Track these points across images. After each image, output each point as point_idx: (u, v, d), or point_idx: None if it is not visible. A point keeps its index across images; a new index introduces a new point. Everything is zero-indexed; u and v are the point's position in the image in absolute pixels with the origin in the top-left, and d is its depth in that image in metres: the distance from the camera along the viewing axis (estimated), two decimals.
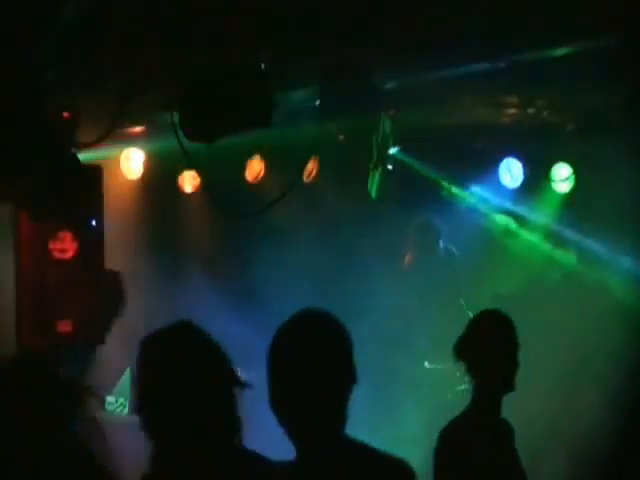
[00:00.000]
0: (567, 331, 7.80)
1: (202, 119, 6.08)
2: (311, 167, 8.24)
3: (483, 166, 8.71)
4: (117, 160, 7.69)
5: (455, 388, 7.25)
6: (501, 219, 8.82)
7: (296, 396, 2.64)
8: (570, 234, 8.43)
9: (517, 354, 4.26)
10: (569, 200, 8.50)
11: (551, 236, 8.64)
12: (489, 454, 4.18)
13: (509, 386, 4.24)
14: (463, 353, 4.28)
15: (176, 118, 6.22)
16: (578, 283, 8.19)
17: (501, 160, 8.66)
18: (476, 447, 4.13)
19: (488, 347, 4.23)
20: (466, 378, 4.30)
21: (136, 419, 3.04)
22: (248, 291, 8.29)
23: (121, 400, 7.36)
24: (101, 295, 5.86)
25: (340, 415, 2.71)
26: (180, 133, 6.19)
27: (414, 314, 8.11)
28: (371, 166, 7.80)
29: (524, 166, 8.62)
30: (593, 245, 8.24)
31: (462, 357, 4.28)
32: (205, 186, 7.23)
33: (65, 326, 5.65)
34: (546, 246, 8.65)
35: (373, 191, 7.85)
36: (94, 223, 5.81)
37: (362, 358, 3.00)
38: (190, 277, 8.14)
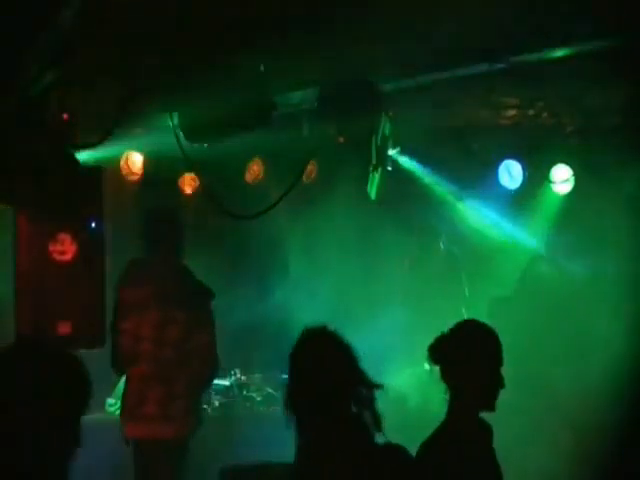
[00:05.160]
0: (567, 332, 7.78)
1: (202, 121, 6.09)
2: (311, 169, 8.24)
3: (482, 167, 8.70)
4: (117, 162, 7.69)
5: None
6: (501, 220, 8.82)
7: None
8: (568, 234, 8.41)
9: (499, 371, 3.79)
10: (569, 201, 8.49)
11: (551, 237, 8.63)
12: (466, 466, 3.93)
13: (488, 406, 3.81)
14: (438, 355, 3.84)
15: (176, 120, 6.23)
16: (577, 282, 8.17)
17: (500, 162, 8.65)
18: (454, 461, 3.86)
19: (467, 354, 3.77)
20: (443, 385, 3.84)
21: None
22: (247, 292, 8.29)
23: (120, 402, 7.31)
24: (100, 296, 5.85)
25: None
26: (180, 135, 6.21)
27: (414, 315, 8.09)
28: (371, 168, 7.79)
29: (523, 168, 8.61)
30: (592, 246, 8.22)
31: (436, 360, 3.85)
32: (205, 188, 7.22)
33: (64, 327, 5.64)
34: (545, 246, 8.64)
35: (373, 192, 7.84)
36: (94, 225, 5.80)
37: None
38: None
